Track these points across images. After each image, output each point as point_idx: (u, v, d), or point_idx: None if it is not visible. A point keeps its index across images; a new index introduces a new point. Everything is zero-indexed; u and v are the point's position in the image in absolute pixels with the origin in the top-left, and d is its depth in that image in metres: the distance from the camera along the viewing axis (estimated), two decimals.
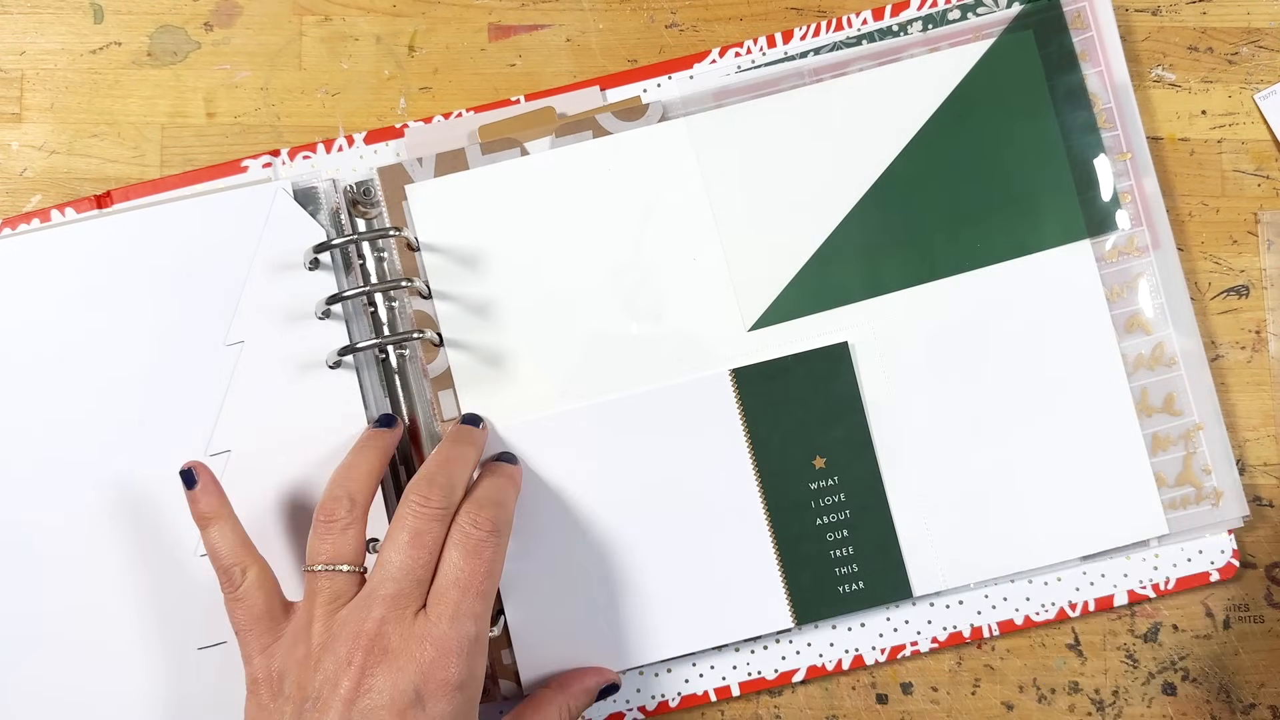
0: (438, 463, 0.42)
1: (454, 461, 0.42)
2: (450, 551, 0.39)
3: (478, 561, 0.39)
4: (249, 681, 0.40)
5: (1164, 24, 0.50)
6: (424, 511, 0.40)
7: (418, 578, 0.39)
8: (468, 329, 0.47)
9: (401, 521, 0.40)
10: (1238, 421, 0.48)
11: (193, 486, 0.42)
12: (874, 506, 0.46)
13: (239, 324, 0.46)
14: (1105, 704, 0.47)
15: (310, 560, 0.40)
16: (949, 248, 0.47)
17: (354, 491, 0.41)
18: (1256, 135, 0.49)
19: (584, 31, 0.50)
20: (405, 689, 0.37)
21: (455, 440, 0.43)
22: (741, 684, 0.47)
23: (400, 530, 0.39)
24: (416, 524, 0.39)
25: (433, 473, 0.41)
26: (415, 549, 0.39)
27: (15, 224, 0.47)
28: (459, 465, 0.42)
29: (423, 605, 0.39)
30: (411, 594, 0.39)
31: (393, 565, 0.39)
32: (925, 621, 0.47)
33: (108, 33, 0.50)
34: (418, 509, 0.40)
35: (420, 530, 0.39)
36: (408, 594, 0.38)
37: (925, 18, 0.48)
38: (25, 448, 0.45)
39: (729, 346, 0.47)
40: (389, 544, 0.39)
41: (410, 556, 0.39)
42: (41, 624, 0.44)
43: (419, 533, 0.39)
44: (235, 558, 0.41)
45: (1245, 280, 0.49)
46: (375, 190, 0.47)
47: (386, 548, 0.39)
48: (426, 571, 0.39)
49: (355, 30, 0.50)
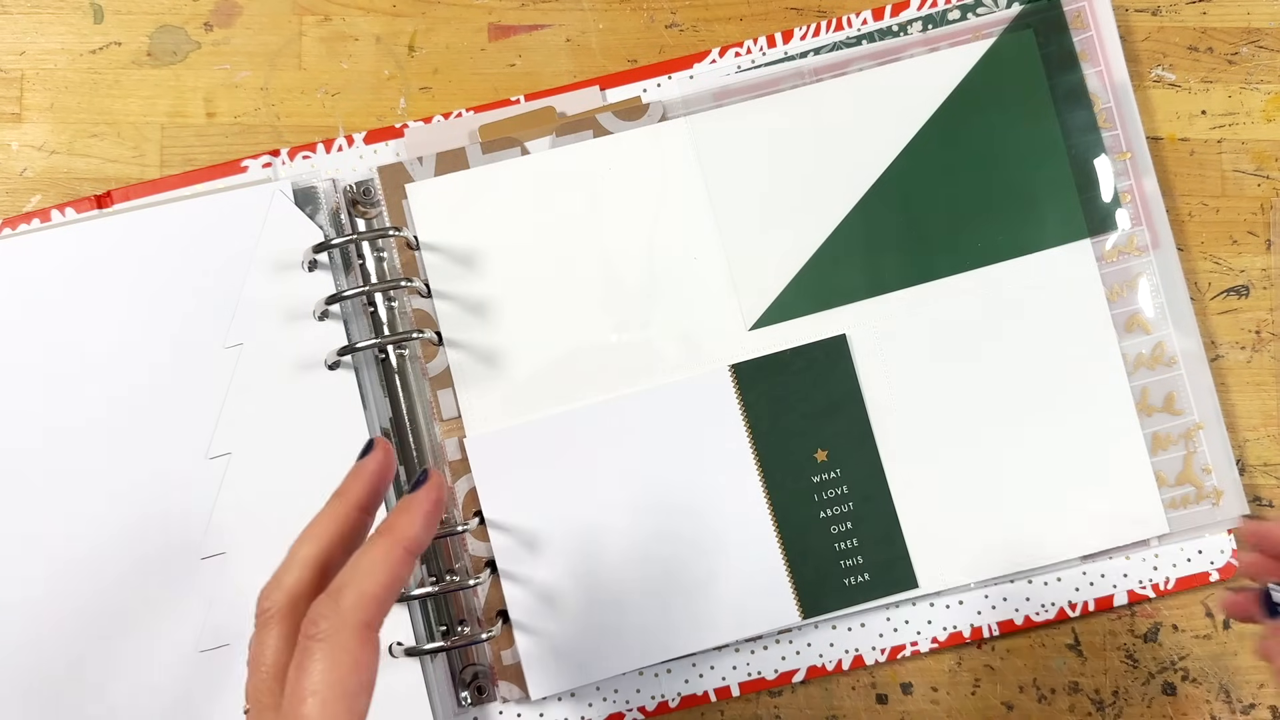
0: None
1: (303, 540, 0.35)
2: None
3: (299, 673, 0.31)
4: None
5: (1164, 24, 0.50)
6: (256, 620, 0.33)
7: (261, 702, 0.32)
8: (467, 328, 0.47)
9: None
10: (1238, 421, 0.48)
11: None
12: (877, 498, 0.46)
13: (238, 325, 0.46)
14: (1105, 704, 0.47)
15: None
16: (949, 247, 0.47)
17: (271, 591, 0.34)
18: (1256, 135, 0.49)
19: (584, 31, 0.50)
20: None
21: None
22: (741, 684, 0.47)
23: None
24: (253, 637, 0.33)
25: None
26: (250, 667, 0.33)
27: (15, 224, 0.47)
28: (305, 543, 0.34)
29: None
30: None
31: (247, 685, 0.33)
32: (925, 621, 0.47)
33: (108, 33, 0.50)
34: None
35: (254, 643, 0.33)
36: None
37: (925, 18, 0.48)
38: (25, 448, 0.45)
39: (730, 345, 0.47)
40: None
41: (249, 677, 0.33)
42: (43, 625, 0.44)
43: (253, 645, 0.33)
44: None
45: (1245, 280, 0.49)
46: (375, 190, 0.47)
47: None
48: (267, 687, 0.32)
49: (355, 30, 0.50)
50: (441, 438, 0.47)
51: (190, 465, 0.45)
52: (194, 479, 0.45)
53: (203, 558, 0.45)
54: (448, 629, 0.46)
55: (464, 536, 0.46)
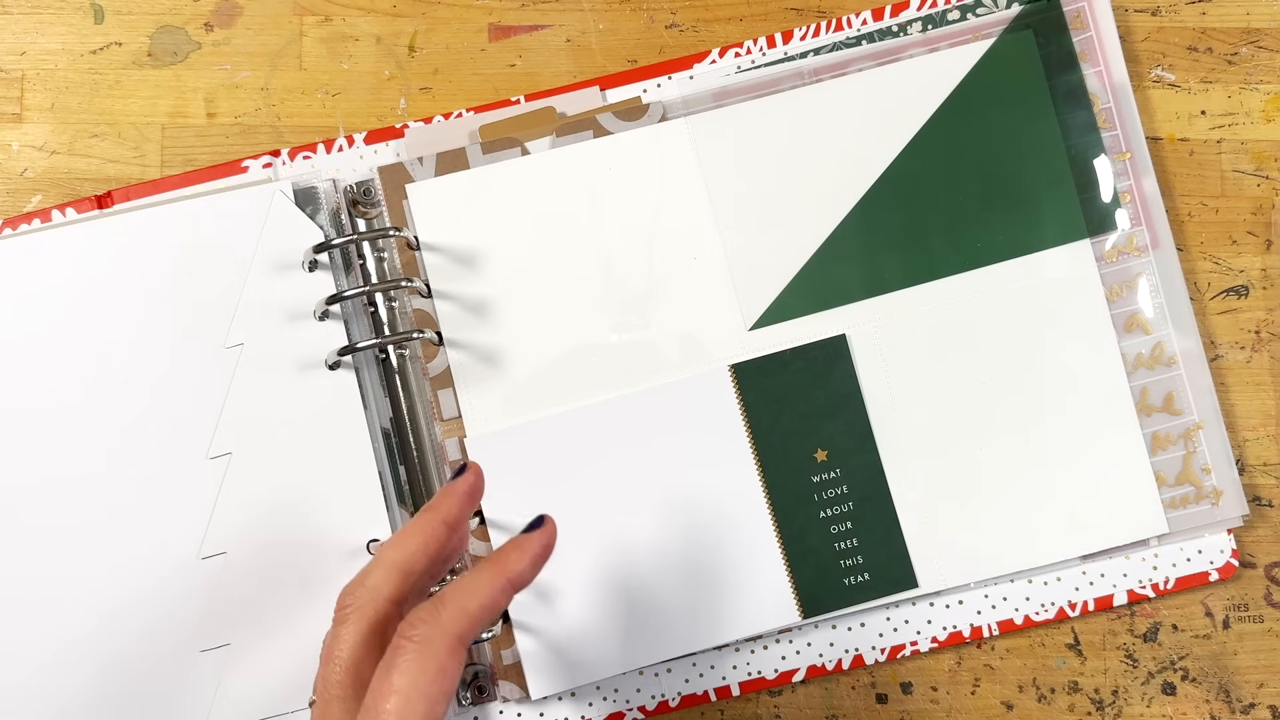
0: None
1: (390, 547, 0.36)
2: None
3: (387, 669, 0.32)
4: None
5: (1163, 24, 0.50)
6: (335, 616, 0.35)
7: (329, 694, 0.34)
8: (468, 328, 0.47)
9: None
10: (1237, 421, 0.48)
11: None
12: (877, 497, 0.46)
13: (239, 325, 0.46)
14: (1105, 704, 0.47)
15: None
16: (949, 247, 0.47)
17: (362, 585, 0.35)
18: (1256, 135, 0.49)
19: (584, 31, 0.50)
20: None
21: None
22: (741, 684, 0.47)
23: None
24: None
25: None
26: (323, 659, 0.34)
27: (15, 224, 0.47)
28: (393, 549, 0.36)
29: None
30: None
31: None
32: (925, 621, 0.47)
33: (108, 33, 0.50)
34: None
35: (330, 636, 0.35)
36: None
37: (925, 18, 0.48)
38: (24, 449, 0.45)
39: (730, 345, 0.47)
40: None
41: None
42: (44, 625, 0.44)
43: (328, 639, 0.35)
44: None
45: (1245, 280, 0.49)
46: (375, 190, 0.47)
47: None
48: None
49: (355, 30, 0.50)
50: (442, 438, 0.47)
51: (190, 465, 0.45)
52: (194, 479, 0.45)
53: (203, 558, 0.45)
54: None
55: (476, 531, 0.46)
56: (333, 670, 0.33)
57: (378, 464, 0.46)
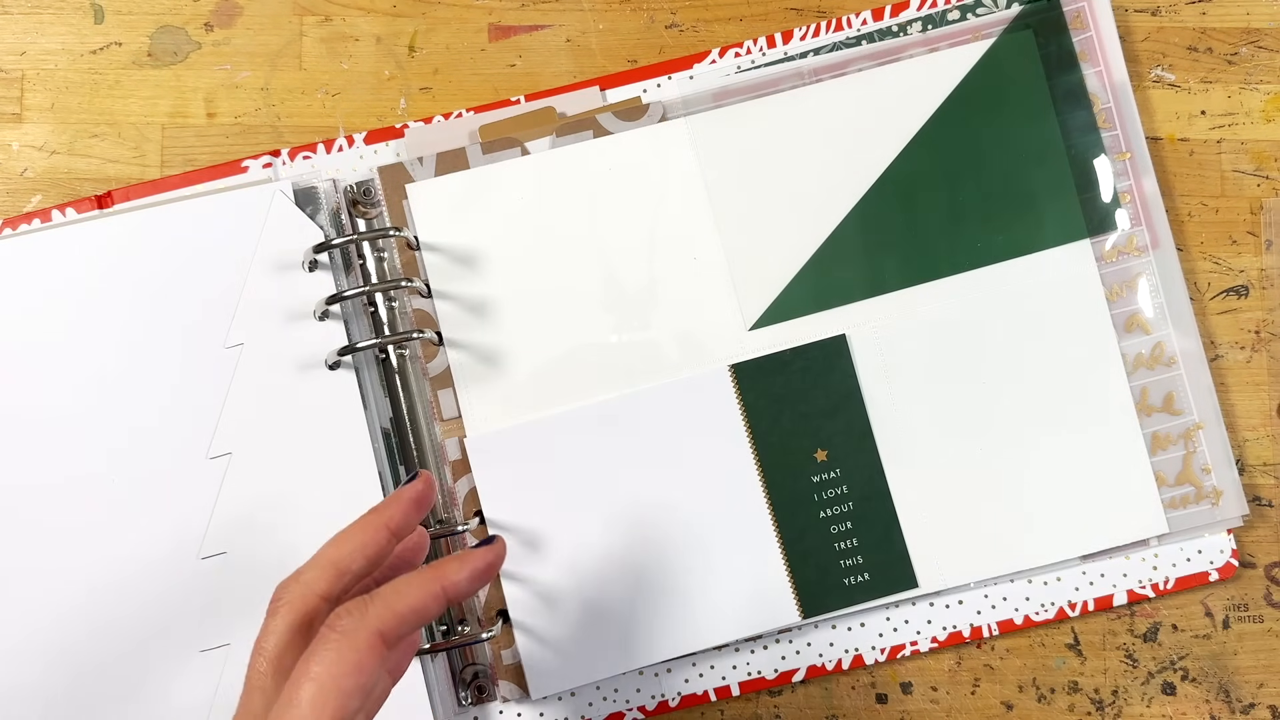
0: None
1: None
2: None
3: (308, 657, 0.33)
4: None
5: (1163, 24, 0.50)
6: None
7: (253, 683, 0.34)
8: (468, 328, 0.47)
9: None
10: (1237, 421, 0.48)
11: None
12: (876, 497, 0.46)
13: (239, 325, 0.46)
14: (1105, 704, 0.47)
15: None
16: (949, 247, 0.47)
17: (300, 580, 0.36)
18: (1256, 135, 0.49)
19: (584, 31, 0.50)
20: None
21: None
22: (741, 684, 0.47)
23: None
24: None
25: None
26: (253, 649, 0.35)
27: (15, 224, 0.47)
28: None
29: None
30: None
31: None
32: (925, 621, 0.47)
33: (108, 33, 0.50)
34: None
35: (261, 628, 0.35)
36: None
37: (925, 18, 0.48)
38: (25, 448, 0.45)
39: (730, 345, 0.47)
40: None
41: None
42: (43, 624, 0.44)
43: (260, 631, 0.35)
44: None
45: (1245, 280, 0.49)
46: (375, 190, 0.47)
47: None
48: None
49: (355, 30, 0.50)
50: (442, 438, 0.47)
51: (190, 465, 0.45)
52: (194, 479, 0.45)
53: (203, 558, 0.45)
54: (448, 628, 0.46)
55: (464, 536, 0.46)
56: (258, 660, 0.34)
57: (377, 464, 0.46)
